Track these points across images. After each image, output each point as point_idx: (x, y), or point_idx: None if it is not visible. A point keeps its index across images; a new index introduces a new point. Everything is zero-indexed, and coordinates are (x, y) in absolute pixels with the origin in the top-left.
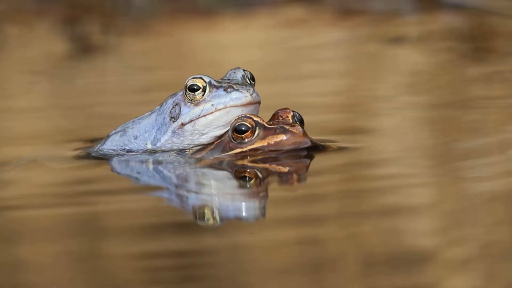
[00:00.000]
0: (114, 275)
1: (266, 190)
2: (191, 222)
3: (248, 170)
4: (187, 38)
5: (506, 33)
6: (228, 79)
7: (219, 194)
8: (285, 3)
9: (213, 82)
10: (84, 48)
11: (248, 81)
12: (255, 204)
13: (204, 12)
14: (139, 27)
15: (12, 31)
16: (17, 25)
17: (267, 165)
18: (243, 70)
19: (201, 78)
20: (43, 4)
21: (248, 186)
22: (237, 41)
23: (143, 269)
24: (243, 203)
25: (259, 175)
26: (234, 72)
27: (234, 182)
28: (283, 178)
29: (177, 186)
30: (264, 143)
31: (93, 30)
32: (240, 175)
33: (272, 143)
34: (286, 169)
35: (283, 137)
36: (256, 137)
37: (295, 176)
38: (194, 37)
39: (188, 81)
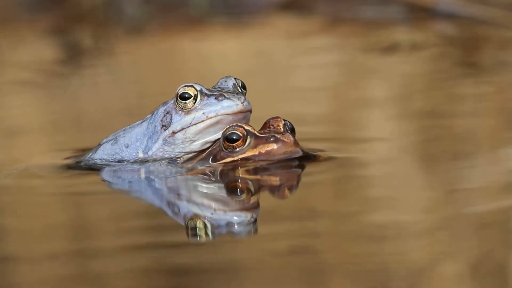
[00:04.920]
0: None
1: (257, 201)
2: (183, 235)
3: (239, 181)
4: (179, 47)
5: (498, 42)
6: (220, 88)
7: (210, 206)
8: (276, 12)
9: (204, 91)
10: (75, 58)
11: (240, 90)
12: (246, 215)
13: (196, 22)
14: (130, 36)
15: (2, 41)
16: (7, 34)
17: (258, 175)
18: (235, 78)
19: (192, 86)
20: (34, 14)
21: (239, 197)
22: (228, 50)
23: (130, 281)
24: (234, 215)
25: (250, 186)
26: (226, 81)
27: (225, 193)
28: (275, 188)
29: (167, 198)
30: (255, 152)
31: (85, 39)
32: (231, 186)
33: (263, 152)
34: (277, 180)
35: (274, 146)
36: (247, 146)
37: (286, 186)
38: (186, 46)
39: (179, 89)
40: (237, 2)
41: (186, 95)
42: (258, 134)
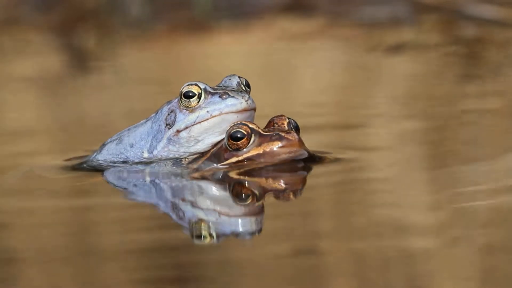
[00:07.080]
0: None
1: (262, 203)
2: (186, 237)
3: (243, 183)
4: (182, 48)
5: (507, 44)
6: (224, 86)
7: (215, 208)
8: (280, 12)
9: (208, 89)
10: (79, 59)
11: (244, 88)
12: (250, 218)
13: (200, 24)
14: (134, 37)
15: (6, 42)
16: (11, 36)
17: (263, 177)
18: (239, 77)
19: (196, 84)
20: (38, 13)
21: (243, 199)
22: (232, 51)
23: (135, 283)
24: (239, 218)
25: (255, 188)
26: (230, 79)
27: (230, 196)
28: (279, 190)
29: (172, 200)
30: (259, 150)
31: (89, 40)
32: (235, 188)
33: (267, 150)
34: (282, 182)
35: (278, 144)
36: (251, 144)
37: (291, 188)
38: (190, 46)
39: (183, 88)
40: (240, 2)
41: (190, 94)
42: (262, 132)
